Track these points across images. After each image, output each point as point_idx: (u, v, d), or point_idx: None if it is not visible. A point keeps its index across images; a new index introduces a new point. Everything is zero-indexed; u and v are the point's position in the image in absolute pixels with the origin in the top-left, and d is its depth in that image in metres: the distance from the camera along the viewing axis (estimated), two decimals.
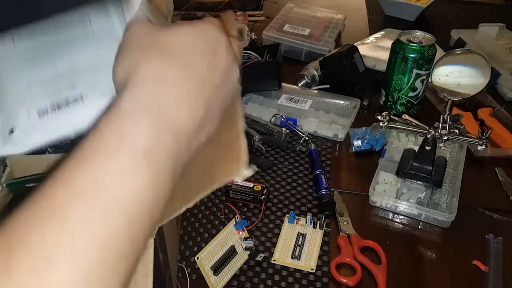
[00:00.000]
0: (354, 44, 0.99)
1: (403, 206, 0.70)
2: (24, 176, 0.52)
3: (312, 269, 0.61)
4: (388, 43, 0.91)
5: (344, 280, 0.60)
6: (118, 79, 0.27)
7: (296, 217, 0.68)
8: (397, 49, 0.85)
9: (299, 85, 0.97)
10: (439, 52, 0.85)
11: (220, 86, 0.29)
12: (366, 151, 0.82)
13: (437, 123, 0.71)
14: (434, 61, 0.80)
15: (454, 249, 0.66)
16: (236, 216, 0.66)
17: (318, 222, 0.67)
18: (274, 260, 0.63)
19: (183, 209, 0.32)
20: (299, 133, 0.84)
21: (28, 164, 0.52)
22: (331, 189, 0.73)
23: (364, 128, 0.83)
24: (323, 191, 0.71)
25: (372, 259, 0.62)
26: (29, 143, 0.34)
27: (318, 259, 0.63)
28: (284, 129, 0.84)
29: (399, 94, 0.88)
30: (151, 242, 0.44)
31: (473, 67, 0.73)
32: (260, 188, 0.71)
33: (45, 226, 0.21)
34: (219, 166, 0.31)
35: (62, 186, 0.22)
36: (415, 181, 0.73)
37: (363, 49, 1.01)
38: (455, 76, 0.74)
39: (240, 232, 0.64)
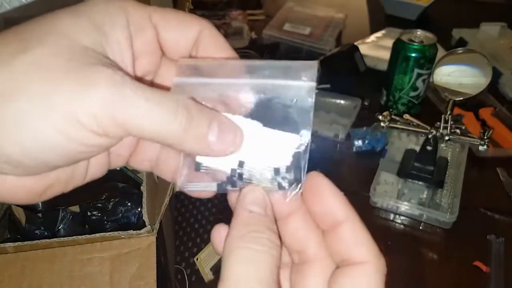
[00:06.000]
0: (355, 44, 0.99)
1: (404, 207, 0.70)
2: None
3: None
4: (389, 43, 0.90)
5: None
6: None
7: None
8: (398, 48, 0.84)
9: None
10: (441, 52, 0.85)
11: None
12: (367, 151, 0.81)
13: (438, 123, 0.70)
14: (436, 61, 0.80)
15: (456, 250, 0.66)
16: None
17: None
18: None
19: None
20: None
21: None
22: None
23: (365, 128, 0.83)
24: None
25: None
26: None
27: None
28: None
29: (400, 94, 0.88)
30: (152, 240, 0.44)
31: (475, 67, 0.72)
32: None
33: None
34: None
35: None
36: (417, 182, 0.73)
37: (364, 49, 1.01)
38: (456, 75, 0.73)
39: None
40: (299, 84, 0.24)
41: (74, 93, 0.20)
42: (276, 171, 0.25)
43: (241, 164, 0.25)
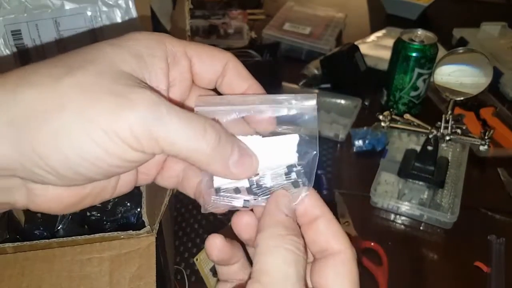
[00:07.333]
0: (355, 43, 0.98)
1: (404, 207, 0.69)
2: None
3: None
4: (390, 42, 0.90)
5: None
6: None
7: None
8: (398, 48, 0.84)
9: (300, 84, 0.97)
10: (441, 51, 0.84)
11: None
12: (367, 151, 0.81)
13: (439, 123, 0.70)
14: (436, 60, 0.80)
15: (456, 250, 0.66)
16: None
17: None
18: None
19: None
20: None
21: None
22: (332, 190, 0.73)
23: (365, 128, 0.83)
24: (324, 192, 0.71)
25: (373, 261, 0.62)
26: None
27: None
28: None
29: (400, 94, 0.88)
30: (152, 240, 0.44)
31: (475, 67, 0.72)
32: None
33: None
34: None
35: None
36: (417, 182, 0.72)
37: (364, 48, 1.00)
38: (457, 75, 0.73)
39: None
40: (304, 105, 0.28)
41: (115, 110, 0.22)
42: (289, 167, 0.28)
43: (255, 175, 0.28)
